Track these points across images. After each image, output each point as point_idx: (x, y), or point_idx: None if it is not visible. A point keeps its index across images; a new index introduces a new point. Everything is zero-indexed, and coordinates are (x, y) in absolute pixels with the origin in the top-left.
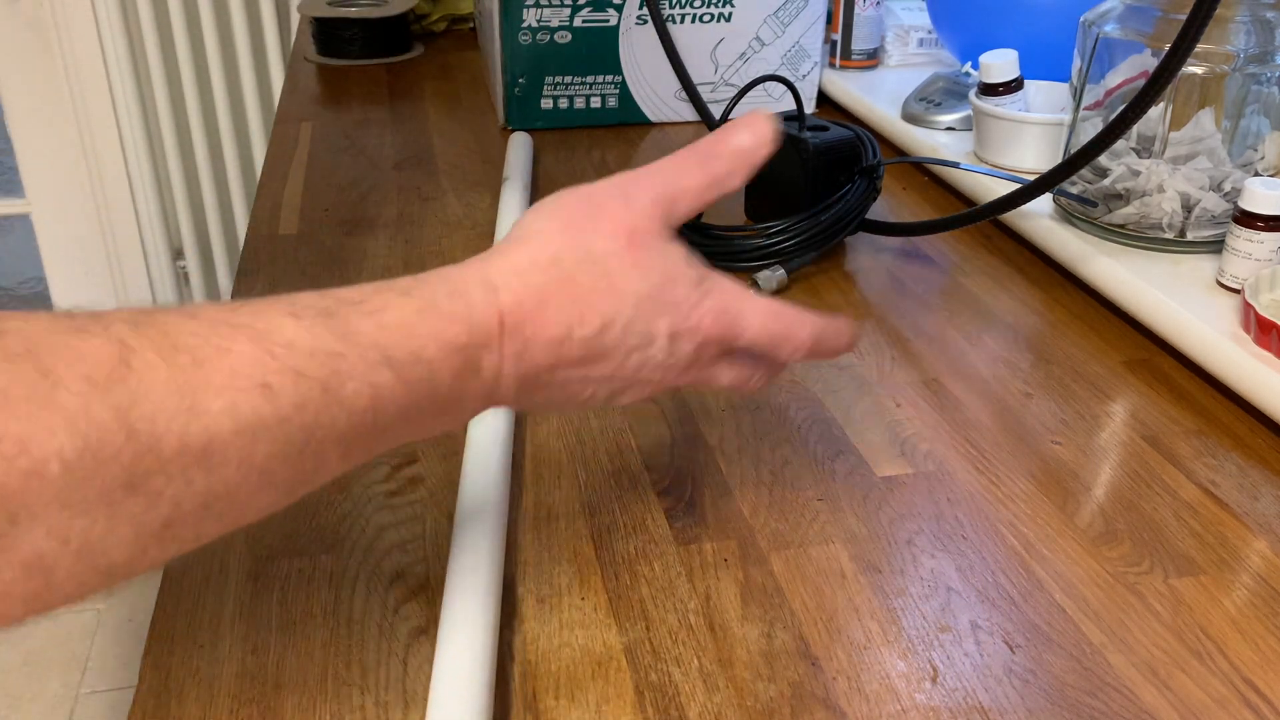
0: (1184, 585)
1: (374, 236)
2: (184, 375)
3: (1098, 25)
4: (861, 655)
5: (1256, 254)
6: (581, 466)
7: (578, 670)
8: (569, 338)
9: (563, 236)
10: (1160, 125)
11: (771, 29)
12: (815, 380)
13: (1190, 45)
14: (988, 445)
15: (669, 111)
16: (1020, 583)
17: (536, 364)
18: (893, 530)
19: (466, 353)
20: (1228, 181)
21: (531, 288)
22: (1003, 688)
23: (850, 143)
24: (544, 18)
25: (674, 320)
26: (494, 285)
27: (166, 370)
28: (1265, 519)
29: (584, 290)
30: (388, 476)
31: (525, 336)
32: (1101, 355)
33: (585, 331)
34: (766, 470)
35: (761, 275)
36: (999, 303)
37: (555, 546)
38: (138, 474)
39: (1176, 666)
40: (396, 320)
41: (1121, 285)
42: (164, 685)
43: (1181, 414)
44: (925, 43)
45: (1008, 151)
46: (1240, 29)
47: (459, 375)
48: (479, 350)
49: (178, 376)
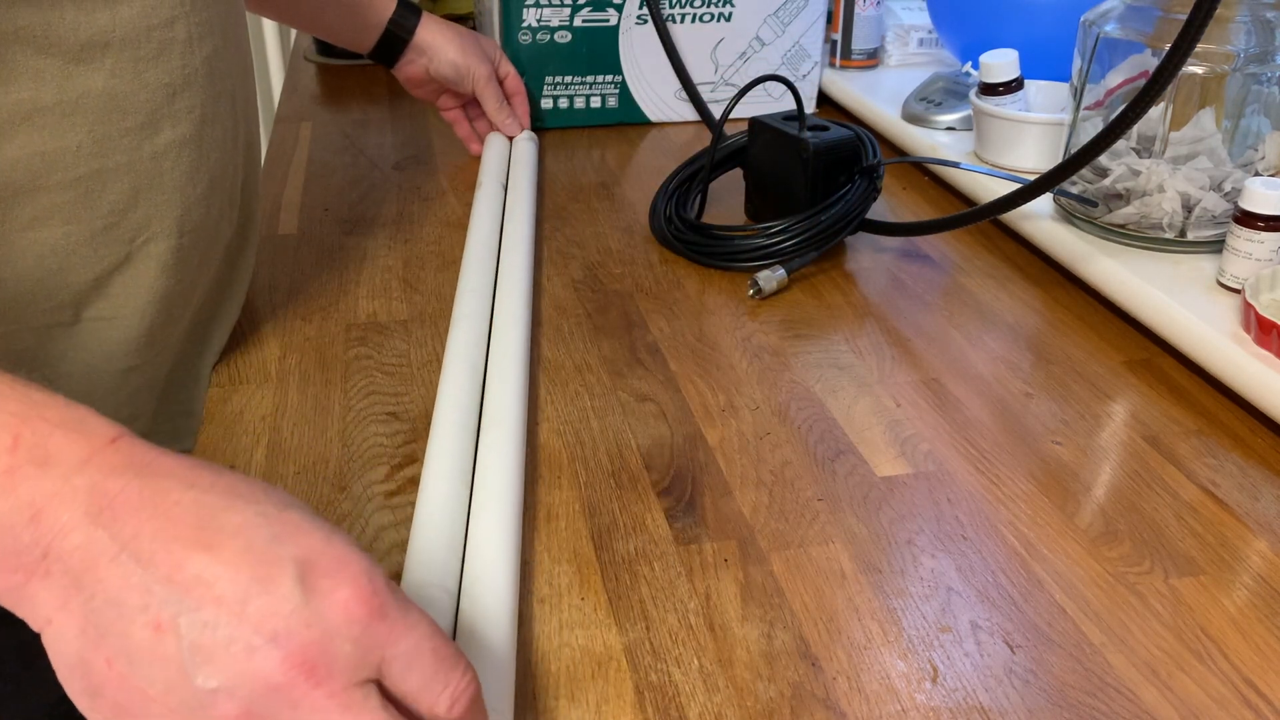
0: (1184, 585)
1: (374, 236)
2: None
3: (1098, 25)
4: (861, 655)
5: (1257, 254)
6: (581, 466)
7: (578, 670)
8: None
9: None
10: (1160, 125)
11: (771, 29)
12: (815, 380)
13: (1190, 45)
14: (988, 445)
15: (669, 111)
16: (1020, 583)
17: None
18: (893, 530)
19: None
20: (1228, 181)
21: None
22: (1003, 688)
23: (850, 143)
24: (544, 18)
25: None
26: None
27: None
28: (1265, 519)
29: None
30: (387, 476)
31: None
32: (1102, 355)
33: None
34: (766, 470)
35: (761, 275)
36: (999, 303)
37: (555, 547)
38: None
39: (1177, 666)
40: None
41: (1122, 285)
42: None
43: (1182, 414)
44: (925, 43)
45: (1008, 151)
46: (1240, 29)
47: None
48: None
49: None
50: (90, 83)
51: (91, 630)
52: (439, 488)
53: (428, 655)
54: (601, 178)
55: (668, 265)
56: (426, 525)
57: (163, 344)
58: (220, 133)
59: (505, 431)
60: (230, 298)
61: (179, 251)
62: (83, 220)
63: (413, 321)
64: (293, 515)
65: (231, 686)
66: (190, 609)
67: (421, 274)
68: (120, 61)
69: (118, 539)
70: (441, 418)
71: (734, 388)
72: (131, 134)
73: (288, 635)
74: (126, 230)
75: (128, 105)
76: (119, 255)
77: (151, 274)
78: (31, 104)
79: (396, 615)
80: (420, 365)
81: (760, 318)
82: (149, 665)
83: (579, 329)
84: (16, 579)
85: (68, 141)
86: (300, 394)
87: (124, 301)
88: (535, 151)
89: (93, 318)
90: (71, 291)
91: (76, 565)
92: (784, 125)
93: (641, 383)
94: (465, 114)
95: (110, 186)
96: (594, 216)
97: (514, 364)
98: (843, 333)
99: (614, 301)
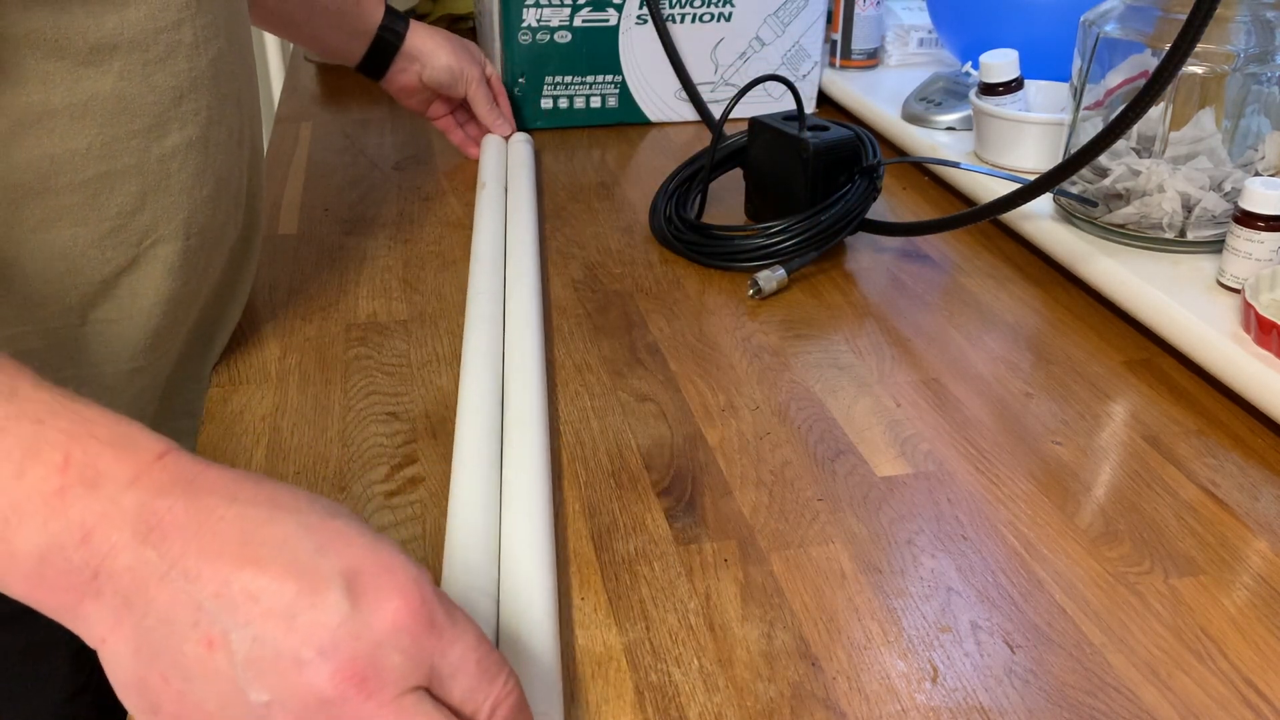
0: (1184, 585)
1: (374, 236)
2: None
3: (1098, 25)
4: (861, 655)
5: (1257, 254)
6: (581, 466)
7: (578, 670)
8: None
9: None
10: (1160, 125)
11: (771, 29)
12: (815, 380)
13: (1190, 45)
14: (988, 445)
15: (669, 111)
16: (1020, 583)
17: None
18: (893, 530)
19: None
20: (1228, 181)
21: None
22: (1003, 688)
23: (850, 143)
24: (544, 18)
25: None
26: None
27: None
28: (1265, 519)
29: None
30: (387, 476)
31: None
32: (1102, 355)
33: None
34: (766, 470)
35: (761, 275)
36: (999, 303)
37: (555, 547)
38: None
39: (1176, 666)
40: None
41: (1122, 285)
42: None
43: (1182, 414)
44: (925, 43)
45: (1008, 151)
46: (1240, 29)
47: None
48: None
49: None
50: (99, 85)
51: (146, 648)
52: (471, 490)
53: (472, 664)
54: (601, 178)
55: (668, 265)
56: (462, 528)
57: (167, 346)
58: (225, 135)
59: (530, 433)
60: (234, 300)
61: (185, 254)
62: (91, 222)
63: (413, 321)
64: (337, 524)
65: (284, 700)
66: (240, 624)
67: (421, 274)
68: (128, 64)
69: (166, 558)
70: (466, 420)
71: (734, 388)
72: (139, 136)
73: (336, 648)
74: (134, 233)
75: (135, 108)
76: (126, 257)
77: (158, 276)
78: (41, 106)
79: (445, 624)
80: (420, 365)
81: (760, 318)
82: (203, 681)
83: (579, 329)
84: (69, 599)
85: (77, 144)
86: (300, 394)
87: (131, 304)
88: (531, 152)
89: (100, 320)
90: (79, 293)
91: (127, 585)
92: (784, 125)
93: (641, 383)
94: (455, 120)
95: (118, 189)
96: (594, 216)
97: (532, 366)
98: (843, 333)
99: (614, 301)
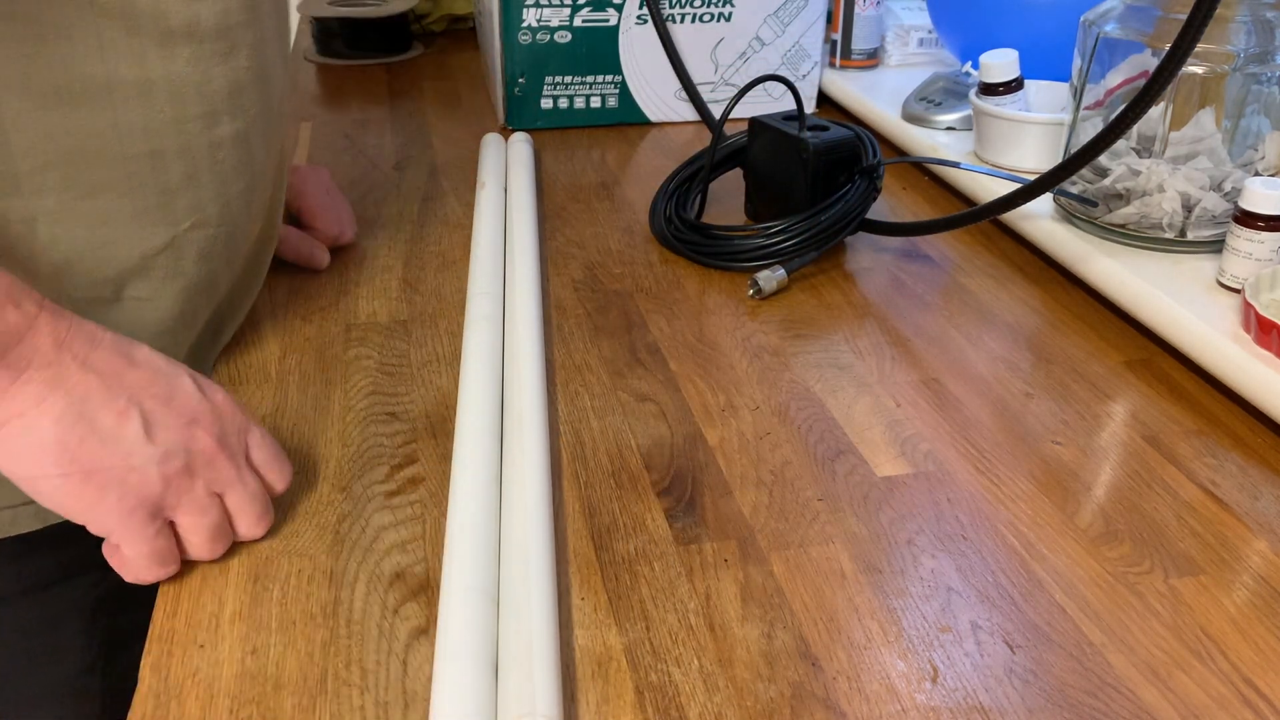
0: (1184, 585)
1: (374, 236)
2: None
3: (1098, 25)
4: (861, 655)
5: (1257, 254)
6: (581, 466)
7: (578, 670)
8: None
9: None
10: (1160, 125)
11: (771, 29)
12: (815, 380)
13: (1190, 45)
14: (988, 445)
15: (669, 111)
16: (1020, 583)
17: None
18: (893, 530)
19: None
20: (1228, 181)
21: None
22: (1003, 688)
23: (850, 143)
24: (544, 18)
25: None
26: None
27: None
28: (1265, 519)
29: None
30: (387, 476)
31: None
32: (1102, 355)
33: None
34: (766, 470)
35: (761, 275)
36: (999, 303)
37: (555, 547)
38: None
39: (1176, 666)
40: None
41: (1122, 285)
42: (164, 686)
43: (1182, 414)
44: (925, 43)
45: (1008, 151)
46: (1240, 29)
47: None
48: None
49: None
50: (168, 69)
51: (66, 418)
52: (471, 490)
53: (269, 445)
54: (601, 178)
55: (668, 265)
56: (462, 528)
57: (185, 334)
58: (263, 136)
59: (530, 433)
60: (245, 297)
61: (216, 242)
62: (137, 195)
63: (413, 321)
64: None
65: (175, 449)
66: (139, 401)
67: (421, 274)
68: (199, 53)
69: (77, 358)
70: (466, 420)
71: (734, 388)
72: (195, 121)
73: (202, 417)
74: (174, 213)
75: (195, 95)
76: (164, 237)
77: (190, 260)
78: (107, 77)
79: (246, 411)
80: (420, 365)
81: (760, 318)
82: (116, 439)
83: (579, 329)
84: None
85: (134, 118)
86: (300, 394)
87: (163, 284)
88: (531, 152)
89: (133, 297)
90: (117, 266)
91: (51, 376)
92: (784, 125)
93: (641, 383)
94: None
95: (168, 167)
96: (594, 217)
97: (532, 366)
98: (843, 333)
99: (614, 301)
